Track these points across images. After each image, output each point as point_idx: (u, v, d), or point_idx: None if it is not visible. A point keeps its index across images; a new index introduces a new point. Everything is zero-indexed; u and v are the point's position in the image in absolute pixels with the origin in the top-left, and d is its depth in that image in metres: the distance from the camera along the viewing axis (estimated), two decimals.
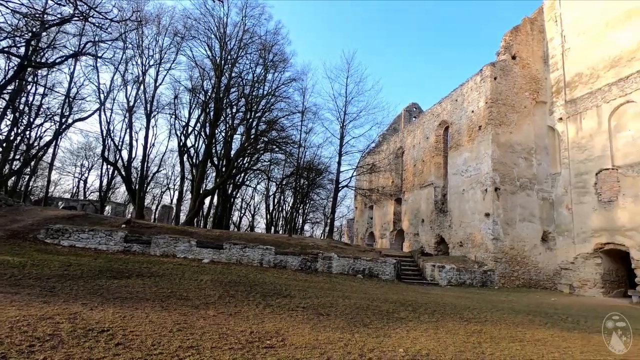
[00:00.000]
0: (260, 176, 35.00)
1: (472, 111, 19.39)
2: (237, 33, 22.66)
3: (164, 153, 35.22)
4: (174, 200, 40.51)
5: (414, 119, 31.77)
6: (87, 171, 40.44)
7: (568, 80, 17.63)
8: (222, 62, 22.12)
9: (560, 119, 17.71)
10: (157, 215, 34.84)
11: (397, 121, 34.16)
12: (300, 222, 45.36)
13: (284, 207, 43.29)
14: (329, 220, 33.59)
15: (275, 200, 40.23)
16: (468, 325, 6.63)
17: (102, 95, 22.39)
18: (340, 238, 56.69)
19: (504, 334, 6.17)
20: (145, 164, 25.67)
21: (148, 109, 22.89)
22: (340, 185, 24.20)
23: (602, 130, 15.54)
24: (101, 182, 33.56)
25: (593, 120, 16.02)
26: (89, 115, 22.22)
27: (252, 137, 24.67)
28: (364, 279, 13.91)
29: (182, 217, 27.90)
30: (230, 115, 25.32)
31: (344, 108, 23.12)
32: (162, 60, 22.78)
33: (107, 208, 32.20)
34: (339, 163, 23.17)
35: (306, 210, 45.15)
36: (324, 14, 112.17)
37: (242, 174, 29.51)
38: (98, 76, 21.66)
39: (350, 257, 14.97)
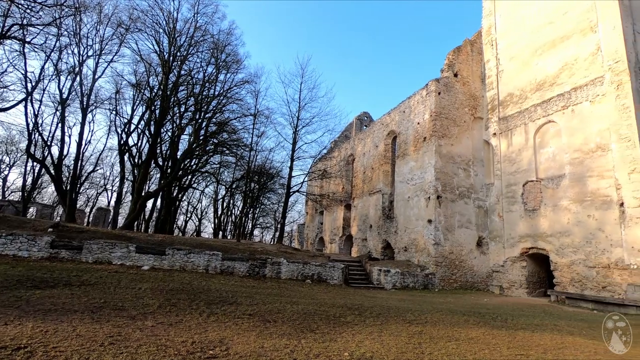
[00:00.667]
0: (209, 179, 33.76)
1: (418, 123, 20.50)
2: (188, 30, 21.80)
3: (102, 151, 32.66)
4: (112, 203, 37.56)
5: (364, 127, 32.80)
6: (7, 168, 36.06)
7: (501, 99, 19.37)
8: (171, 58, 21.10)
9: (494, 134, 19.37)
10: (91, 219, 32.02)
11: (349, 129, 35.04)
12: (250, 226, 44.48)
13: (233, 212, 42.17)
14: (279, 225, 33.33)
15: (224, 204, 39.03)
16: (410, 327, 6.93)
17: (29, 85, 20.18)
18: (290, 243, 56.42)
19: (442, 334, 6.54)
20: (80, 162, 23.53)
21: (84, 102, 21.06)
22: (291, 190, 24.16)
23: (529, 146, 17.26)
24: (25, 180, 30.11)
25: (521, 137, 17.74)
26: (13, 106, 19.84)
27: (201, 138, 23.76)
28: (312, 284, 13.96)
29: (121, 221, 25.96)
30: (177, 115, 24.17)
31: (297, 113, 23.22)
32: (103, 52, 21.14)
33: (30, 210, 28.94)
34: (291, 168, 23.16)
35: (256, 215, 44.39)
36: (281, 20, 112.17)
37: (189, 176, 28.25)
38: (25, 63, 19.41)
39: (300, 262, 14.95)
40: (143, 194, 21.93)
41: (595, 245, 13.79)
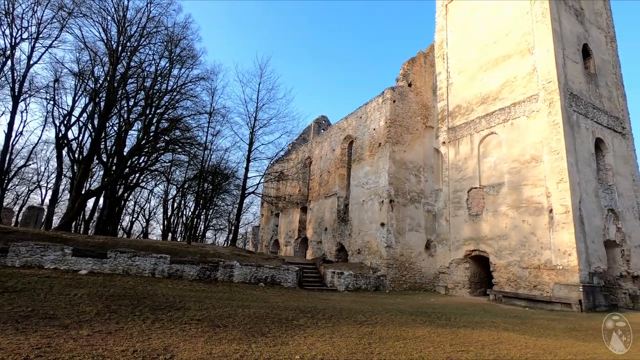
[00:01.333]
0: (158, 178, 32.02)
1: (374, 129, 21.12)
2: (140, 20, 20.58)
3: (36, 144, 29.64)
4: (46, 201, 34.25)
5: (322, 131, 33.12)
6: None
7: (451, 110, 20.57)
8: (120, 48, 19.78)
9: (444, 142, 20.50)
10: (20, 219, 28.95)
11: (307, 132, 35.17)
12: (202, 228, 42.91)
13: (185, 213, 40.41)
14: (233, 227, 32.49)
15: (175, 204, 37.27)
16: (361, 328, 7.07)
17: None
18: (244, 245, 55.24)
19: (391, 334, 6.75)
20: (8, 155, 21.21)
21: (16, 89, 19.05)
22: (247, 192, 23.68)
23: (474, 155, 18.50)
24: None
25: (467, 146, 18.96)
26: None
27: (151, 134, 22.50)
28: (266, 287, 13.76)
29: (56, 222, 23.75)
30: (125, 109, 22.71)
31: (254, 114, 22.85)
32: (40, 35, 19.28)
33: None
34: (247, 169, 22.71)
35: (209, 216, 42.93)
36: (240, 19, 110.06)
37: (137, 174, 26.61)
38: None
39: (253, 265, 14.68)
40: (83, 192, 20.27)
41: (528, 247, 15.07)
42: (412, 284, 18.60)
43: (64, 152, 22.68)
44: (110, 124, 23.18)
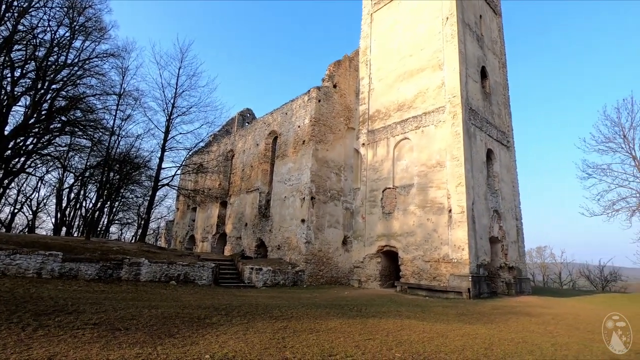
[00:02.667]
0: (51, 164, 27.78)
1: (299, 126, 21.33)
2: None
3: None
4: None
5: (247, 124, 32.31)
6: None
7: (371, 114, 21.81)
8: (3, 6, 16.63)
9: (364, 144, 21.66)
10: None
11: (231, 124, 33.94)
12: (106, 222, 38.51)
13: (85, 205, 35.75)
14: (143, 222, 29.80)
15: (72, 195, 32.75)
16: (276, 323, 7.11)
17: None
18: (156, 242, 51.16)
19: (305, 327, 6.92)
20: None
21: None
22: (160, 184, 21.90)
23: (389, 157, 19.91)
24: None
25: (384, 149, 20.33)
26: None
27: (43, 113, 19.37)
28: (178, 285, 12.95)
29: None
30: (9, 80, 19.18)
31: (172, 100, 21.21)
32: None
33: None
34: (161, 158, 21.00)
35: (115, 209, 38.73)
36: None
37: (22, 159, 22.68)
38: None
39: (164, 262, 13.69)
40: None
41: (430, 243, 16.80)
42: (328, 279, 19.30)
43: None
44: None
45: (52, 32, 19.17)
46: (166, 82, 22.46)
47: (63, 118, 21.16)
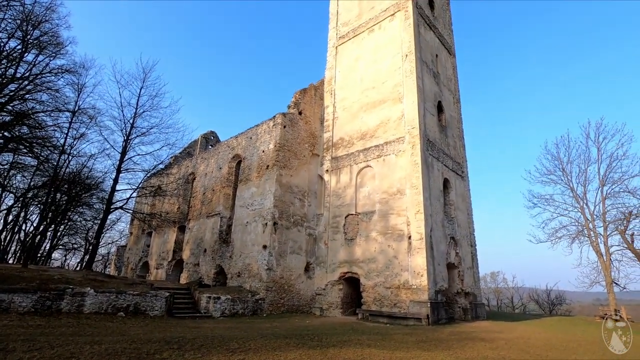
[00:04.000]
0: None
1: (263, 151, 21.31)
2: None
3: None
4: None
5: (210, 147, 31.75)
6: None
7: (335, 141, 22.34)
8: None
9: (327, 170, 21.98)
10: None
11: (193, 146, 33.19)
12: (48, 248, 35.32)
13: (24, 228, 32.70)
14: (91, 247, 27.68)
15: (10, 217, 29.91)
16: (232, 356, 6.77)
17: None
18: (104, 269, 47.51)
19: (263, 359, 6.65)
20: None
21: None
22: (113, 206, 20.65)
23: (352, 184, 20.31)
24: None
25: (347, 176, 20.74)
26: None
27: None
28: (127, 317, 12.02)
29: None
30: None
31: (132, 120, 20.46)
32: None
33: None
34: (116, 180, 19.92)
35: (60, 234, 35.74)
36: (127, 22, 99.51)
37: None
38: None
39: (113, 291, 12.71)
40: None
41: (391, 270, 17.04)
42: (290, 307, 18.81)
43: None
44: None
45: (2, 43, 18.10)
46: (126, 102, 21.73)
47: (6, 134, 19.64)
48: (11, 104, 19.26)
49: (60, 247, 40.54)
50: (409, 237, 16.78)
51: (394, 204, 18.00)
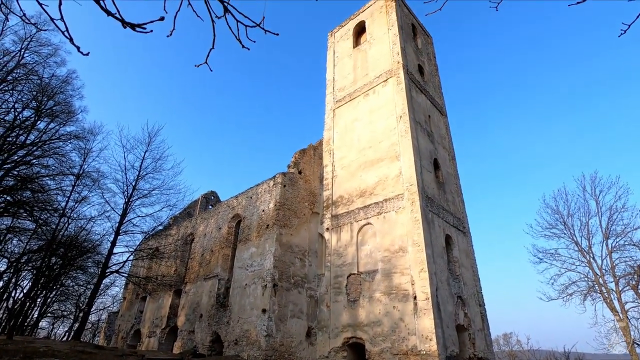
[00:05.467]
0: None
1: (263, 210, 21.36)
2: (7, 64, 18.06)
3: None
4: None
5: (210, 207, 31.85)
6: None
7: (334, 199, 22.50)
8: None
9: (328, 229, 21.82)
10: None
11: (193, 206, 33.28)
12: (36, 316, 33.63)
13: (14, 295, 31.44)
14: (82, 314, 26.37)
15: (0, 283, 28.91)
16: None
17: None
18: (93, 338, 44.80)
19: None
20: None
21: None
22: (109, 270, 20.12)
23: (353, 242, 20.03)
24: None
25: (348, 234, 20.54)
26: None
27: None
28: None
29: None
30: None
31: (134, 182, 20.83)
32: None
33: None
34: (113, 243, 19.68)
35: (50, 300, 34.28)
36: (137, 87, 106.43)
37: None
38: None
39: None
40: None
41: (398, 334, 16.10)
42: None
43: None
44: None
45: (16, 112, 19.10)
46: (130, 165, 22.28)
47: (7, 198, 19.82)
48: (17, 169, 19.74)
49: (49, 314, 38.63)
50: (414, 297, 16.12)
51: (396, 262, 17.58)
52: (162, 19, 2.15)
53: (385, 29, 25.11)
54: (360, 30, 28.18)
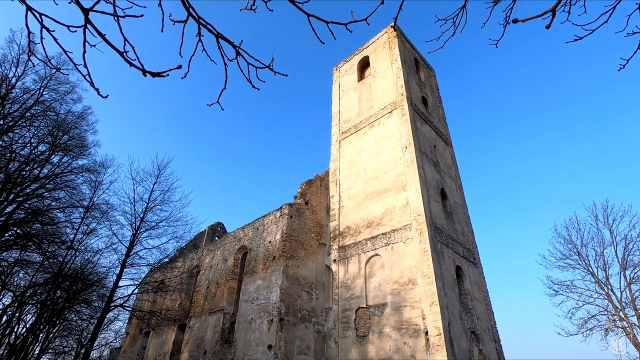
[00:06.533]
0: None
1: (270, 242, 21.20)
2: (27, 101, 18.88)
3: None
4: None
5: (216, 238, 31.74)
6: None
7: (341, 230, 22.30)
8: None
9: (335, 260, 21.47)
10: None
11: (200, 238, 33.20)
12: (37, 352, 32.79)
13: (16, 330, 30.87)
14: (84, 351, 25.69)
15: (4, 318, 28.51)
16: None
17: None
18: None
19: None
20: None
21: None
22: (113, 304, 19.83)
23: (361, 274, 19.62)
24: None
25: (355, 266, 20.16)
26: None
27: None
28: None
29: None
30: None
31: (142, 214, 20.97)
32: None
33: None
34: (119, 276, 19.52)
35: (52, 336, 33.55)
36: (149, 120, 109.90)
37: None
38: None
39: None
40: None
41: None
42: None
43: None
44: None
45: (32, 147, 19.70)
46: (138, 197, 22.53)
47: (18, 231, 20.00)
48: (28, 202, 20.07)
49: (51, 350, 37.69)
50: (426, 333, 15.50)
51: (406, 295, 17.08)
52: (179, 67, 2.30)
53: (389, 63, 25.95)
54: (364, 64, 29.15)
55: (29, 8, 2.18)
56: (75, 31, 2.14)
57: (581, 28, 3.58)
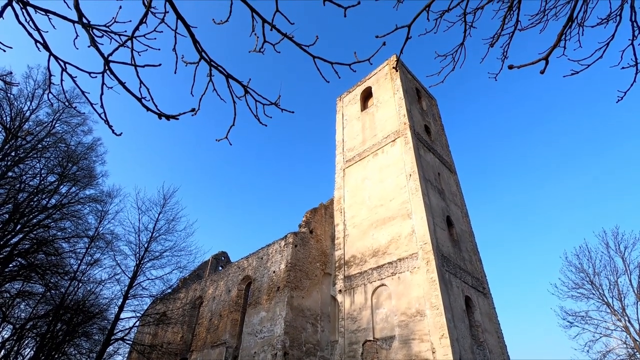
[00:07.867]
0: None
1: (274, 271, 20.88)
2: (39, 133, 19.43)
3: None
4: None
5: (220, 268, 31.34)
6: None
7: (347, 259, 21.98)
8: None
9: (340, 291, 21.00)
10: None
11: (203, 267, 32.81)
12: None
13: None
14: None
15: (2, 352, 27.83)
16: None
17: None
18: None
19: None
20: None
21: None
22: (114, 337, 19.34)
23: (367, 305, 19.11)
24: None
25: (362, 296, 19.69)
26: None
27: (1, 256, 18.26)
28: None
29: None
30: None
31: (147, 244, 20.90)
32: None
33: None
34: (121, 308, 19.17)
35: None
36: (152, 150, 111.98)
37: None
38: None
39: None
40: None
41: None
42: None
43: None
44: None
45: (41, 178, 20.03)
46: (143, 227, 22.52)
47: (22, 261, 19.93)
48: (34, 232, 20.13)
49: None
50: None
51: (414, 328, 16.53)
52: (193, 110, 2.42)
53: (391, 93, 26.57)
54: (367, 95, 29.86)
55: (55, 58, 2.34)
56: (96, 77, 2.28)
57: (577, 63, 3.70)
